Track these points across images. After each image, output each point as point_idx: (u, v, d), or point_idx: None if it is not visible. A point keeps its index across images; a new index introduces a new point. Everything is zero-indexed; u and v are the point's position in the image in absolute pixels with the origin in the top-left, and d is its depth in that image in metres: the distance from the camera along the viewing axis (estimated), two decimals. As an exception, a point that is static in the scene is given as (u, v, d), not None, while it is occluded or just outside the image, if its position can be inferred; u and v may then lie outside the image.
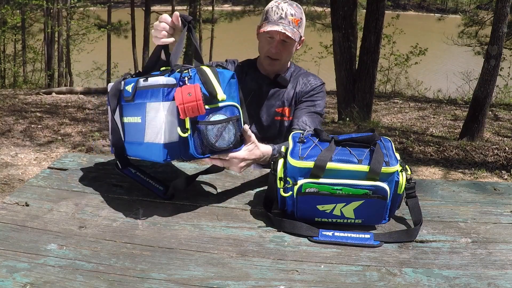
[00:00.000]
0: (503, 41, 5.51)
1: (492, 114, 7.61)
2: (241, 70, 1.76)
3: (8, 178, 3.95)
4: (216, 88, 1.16)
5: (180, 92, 1.09)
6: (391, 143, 1.21)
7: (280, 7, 1.61)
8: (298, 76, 1.75)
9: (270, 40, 1.64)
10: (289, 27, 1.59)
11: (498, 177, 4.38)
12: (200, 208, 1.25)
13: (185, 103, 1.08)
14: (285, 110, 1.73)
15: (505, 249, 1.09)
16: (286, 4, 1.61)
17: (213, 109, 1.17)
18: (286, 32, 1.56)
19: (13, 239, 1.06)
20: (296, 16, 1.61)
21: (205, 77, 1.16)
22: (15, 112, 6.54)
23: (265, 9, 1.65)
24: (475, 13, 13.29)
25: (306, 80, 1.74)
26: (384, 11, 6.38)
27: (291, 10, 1.60)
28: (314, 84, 1.73)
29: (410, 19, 26.52)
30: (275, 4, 1.63)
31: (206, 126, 1.15)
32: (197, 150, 1.15)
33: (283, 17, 1.59)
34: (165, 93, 1.13)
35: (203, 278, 0.95)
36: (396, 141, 5.45)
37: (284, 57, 1.67)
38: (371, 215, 1.15)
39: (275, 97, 1.73)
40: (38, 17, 14.48)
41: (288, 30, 1.57)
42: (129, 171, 1.34)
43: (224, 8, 22.73)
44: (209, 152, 1.18)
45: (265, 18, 1.63)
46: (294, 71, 1.77)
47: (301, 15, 1.64)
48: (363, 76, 6.51)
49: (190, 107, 1.08)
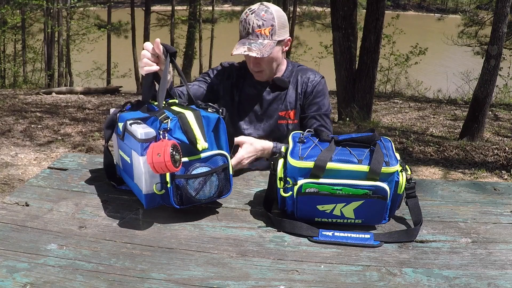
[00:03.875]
0: (503, 41, 5.51)
1: (492, 114, 7.61)
2: (239, 74, 1.75)
3: (8, 178, 3.95)
4: (197, 137, 1.12)
5: (151, 151, 1.06)
6: (391, 143, 1.21)
7: (247, 21, 1.56)
8: (297, 75, 1.72)
9: (247, 56, 1.62)
10: (257, 42, 1.54)
11: (498, 177, 4.38)
12: (200, 208, 1.25)
13: (154, 162, 1.05)
14: (289, 113, 1.70)
15: (505, 249, 1.09)
16: (253, 15, 1.55)
17: (194, 161, 1.14)
18: (249, 53, 1.51)
19: (13, 239, 1.06)
20: (265, 25, 1.55)
21: (186, 126, 1.13)
22: (15, 112, 6.54)
23: (239, 21, 1.62)
24: (475, 13, 13.29)
25: (306, 78, 1.71)
26: (384, 11, 6.37)
27: (258, 21, 1.54)
28: (314, 81, 1.70)
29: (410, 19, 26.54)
30: (244, 17, 1.58)
31: (187, 180, 1.13)
32: (176, 202, 1.15)
33: (250, 33, 1.55)
34: (143, 147, 1.12)
35: (203, 278, 0.95)
36: (396, 141, 5.45)
37: (267, 67, 1.64)
38: (371, 215, 1.15)
39: (277, 101, 1.71)
40: (38, 17, 14.47)
41: (254, 48, 1.52)
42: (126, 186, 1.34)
43: (224, 8, 22.72)
44: (190, 203, 1.17)
45: (239, 33, 1.60)
46: (292, 69, 1.74)
47: (272, 21, 1.55)
48: (363, 76, 6.51)
49: (159, 167, 1.05)
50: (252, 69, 1.66)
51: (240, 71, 1.76)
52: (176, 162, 1.07)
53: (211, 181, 1.16)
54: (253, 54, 1.51)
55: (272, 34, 1.57)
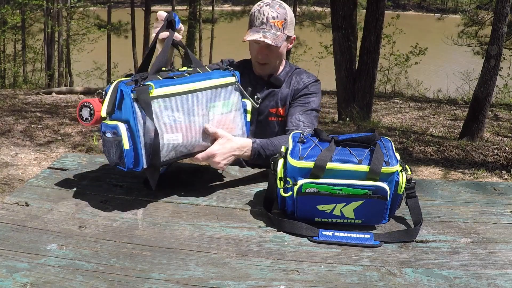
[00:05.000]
0: (503, 41, 5.51)
1: (492, 114, 7.61)
2: (238, 71, 1.76)
3: (8, 178, 3.95)
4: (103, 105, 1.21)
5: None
6: (391, 143, 1.21)
7: (262, 11, 1.59)
8: (292, 75, 1.75)
9: (256, 46, 1.64)
10: (271, 32, 1.58)
11: (498, 177, 4.38)
12: (200, 208, 1.25)
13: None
14: (279, 110, 1.73)
15: (505, 249, 1.09)
16: (267, 7, 1.59)
17: (105, 125, 1.21)
18: (265, 40, 1.55)
19: (13, 239, 1.06)
20: (279, 18, 1.59)
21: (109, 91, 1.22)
22: (15, 112, 6.54)
23: (250, 13, 1.65)
24: (475, 13, 13.28)
25: (299, 78, 1.74)
26: (384, 11, 6.37)
27: (272, 13, 1.59)
28: (307, 81, 1.73)
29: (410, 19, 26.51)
30: (257, 8, 1.62)
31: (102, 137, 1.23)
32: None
33: (264, 22, 1.58)
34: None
35: (203, 278, 0.95)
36: (396, 141, 5.45)
37: (273, 60, 1.68)
38: (371, 215, 1.15)
39: (269, 98, 1.73)
40: (38, 17, 14.47)
41: (268, 36, 1.56)
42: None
43: (224, 8, 22.73)
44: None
45: (249, 23, 1.63)
46: (289, 70, 1.77)
47: (285, 15, 1.61)
48: (363, 76, 6.51)
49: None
50: (258, 60, 1.67)
51: (238, 69, 1.76)
52: (82, 118, 1.22)
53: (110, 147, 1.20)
54: (268, 41, 1.55)
55: (284, 28, 1.61)
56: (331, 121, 6.87)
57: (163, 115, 1.20)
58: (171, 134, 1.22)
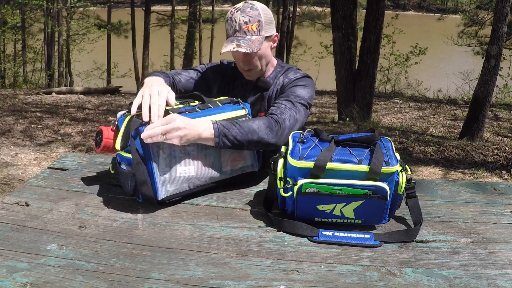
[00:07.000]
0: (503, 41, 5.51)
1: (492, 114, 7.61)
2: (233, 73, 1.74)
3: (8, 178, 3.95)
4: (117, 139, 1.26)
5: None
6: (391, 143, 1.21)
7: (234, 19, 1.54)
8: (281, 76, 1.69)
9: (236, 54, 1.60)
10: (245, 38, 1.52)
11: (498, 177, 4.38)
12: (200, 208, 1.25)
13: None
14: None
15: (505, 249, 1.09)
16: (238, 13, 1.54)
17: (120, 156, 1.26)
18: (239, 49, 1.49)
19: (13, 239, 1.06)
20: (251, 21, 1.53)
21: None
22: (15, 112, 6.54)
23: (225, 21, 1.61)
24: (475, 13, 13.29)
25: (285, 76, 1.67)
26: (384, 11, 6.37)
27: (244, 18, 1.53)
28: (293, 77, 1.64)
29: (410, 19, 26.53)
30: (229, 16, 1.56)
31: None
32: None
33: (237, 30, 1.53)
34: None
35: (203, 278, 0.95)
36: (396, 141, 5.45)
37: (257, 64, 1.61)
38: (371, 215, 1.15)
39: (258, 102, 1.69)
40: (38, 17, 14.48)
41: (243, 44, 1.50)
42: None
43: (224, 8, 22.73)
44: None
45: (226, 32, 1.58)
46: (280, 71, 1.70)
47: (258, 17, 1.53)
48: (363, 76, 6.51)
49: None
50: (242, 67, 1.63)
51: (233, 71, 1.75)
52: (96, 144, 1.31)
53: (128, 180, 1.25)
54: (243, 50, 1.49)
55: (260, 30, 1.55)
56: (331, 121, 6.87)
57: (176, 148, 1.24)
58: (183, 167, 1.25)
